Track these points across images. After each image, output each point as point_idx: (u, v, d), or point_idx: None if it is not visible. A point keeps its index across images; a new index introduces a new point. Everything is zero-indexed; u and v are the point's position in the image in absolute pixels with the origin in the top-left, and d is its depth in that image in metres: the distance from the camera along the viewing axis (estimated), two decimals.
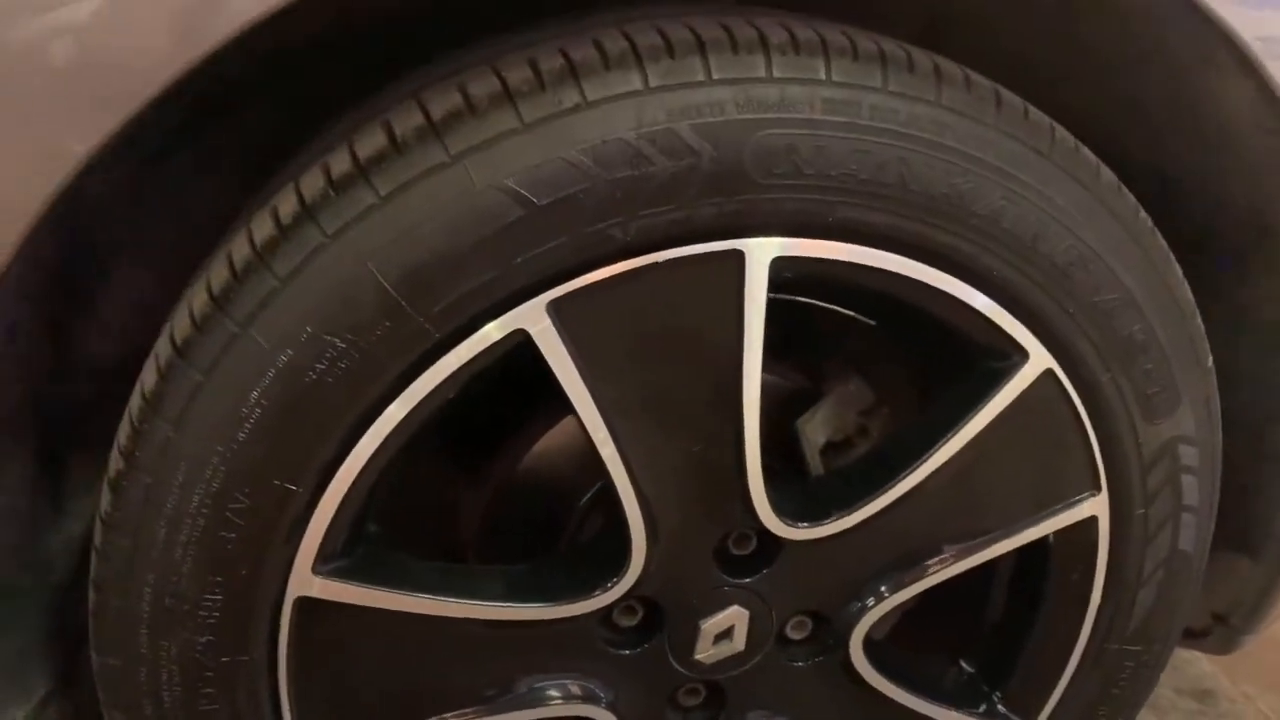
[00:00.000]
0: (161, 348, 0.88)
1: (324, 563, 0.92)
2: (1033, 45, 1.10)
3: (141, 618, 0.90)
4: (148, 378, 0.88)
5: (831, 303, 1.08)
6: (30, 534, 1.12)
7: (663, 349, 0.92)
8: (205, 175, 1.20)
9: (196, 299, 0.86)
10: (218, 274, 0.86)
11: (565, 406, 0.92)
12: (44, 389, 1.10)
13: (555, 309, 0.87)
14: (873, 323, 1.08)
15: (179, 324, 0.87)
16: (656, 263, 0.88)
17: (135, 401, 0.88)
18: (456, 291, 0.85)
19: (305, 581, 0.92)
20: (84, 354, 1.18)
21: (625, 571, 0.99)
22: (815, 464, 1.10)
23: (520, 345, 0.89)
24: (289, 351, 0.84)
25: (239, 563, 0.89)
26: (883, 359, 1.12)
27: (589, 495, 1.10)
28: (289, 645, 0.94)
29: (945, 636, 1.25)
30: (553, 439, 1.11)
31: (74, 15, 0.75)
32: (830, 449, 1.12)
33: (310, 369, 0.85)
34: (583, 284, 0.87)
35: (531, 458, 1.11)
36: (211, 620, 0.91)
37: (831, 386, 1.12)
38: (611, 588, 0.99)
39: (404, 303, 0.84)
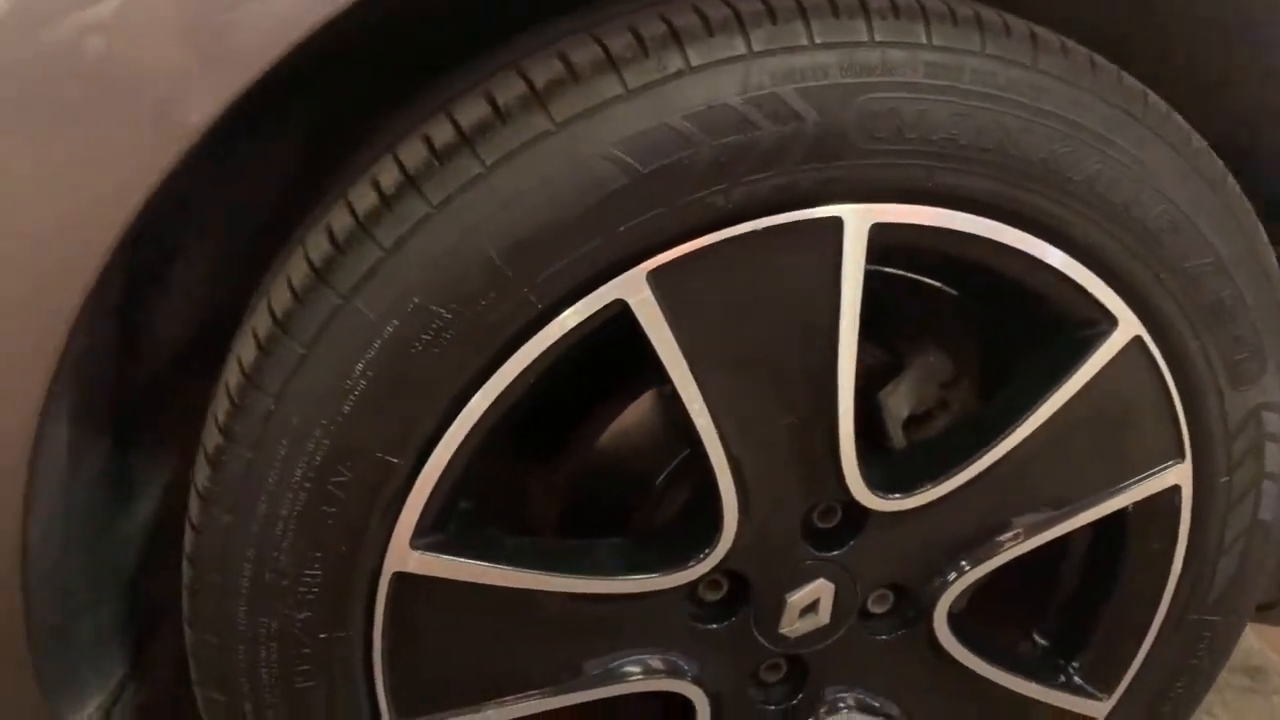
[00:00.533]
0: (259, 321, 0.87)
1: (420, 537, 0.92)
2: (1112, 24, 1.09)
3: (240, 593, 0.90)
4: (245, 352, 0.87)
5: (914, 272, 1.08)
6: (108, 516, 1.12)
7: (759, 319, 0.91)
8: (256, 163, 1.19)
9: (295, 271, 0.86)
10: (317, 245, 0.85)
11: (659, 378, 0.91)
12: (118, 372, 1.10)
13: (654, 279, 0.87)
14: (955, 292, 1.08)
15: (277, 297, 0.86)
16: (755, 230, 0.87)
17: (233, 376, 0.88)
18: (560, 261, 0.84)
19: (403, 556, 0.92)
20: (150, 337, 1.18)
21: (716, 544, 0.98)
22: (897, 437, 1.10)
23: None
24: (395, 322, 0.83)
25: (339, 537, 0.89)
26: (963, 329, 1.11)
27: (669, 470, 1.09)
28: (384, 621, 0.94)
29: (1018, 609, 1.24)
30: (632, 415, 1.10)
31: None
32: (910, 422, 1.12)
33: (416, 340, 0.84)
34: (682, 253, 0.87)
35: (610, 435, 1.11)
36: (310, 596, 0.90)
37: (912, 358, 1.11)
38: (703, 559, 0.98)
39: (510, 273, 0.84)
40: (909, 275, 1.07)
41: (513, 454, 1.14)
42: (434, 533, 0.93)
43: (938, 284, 1.08)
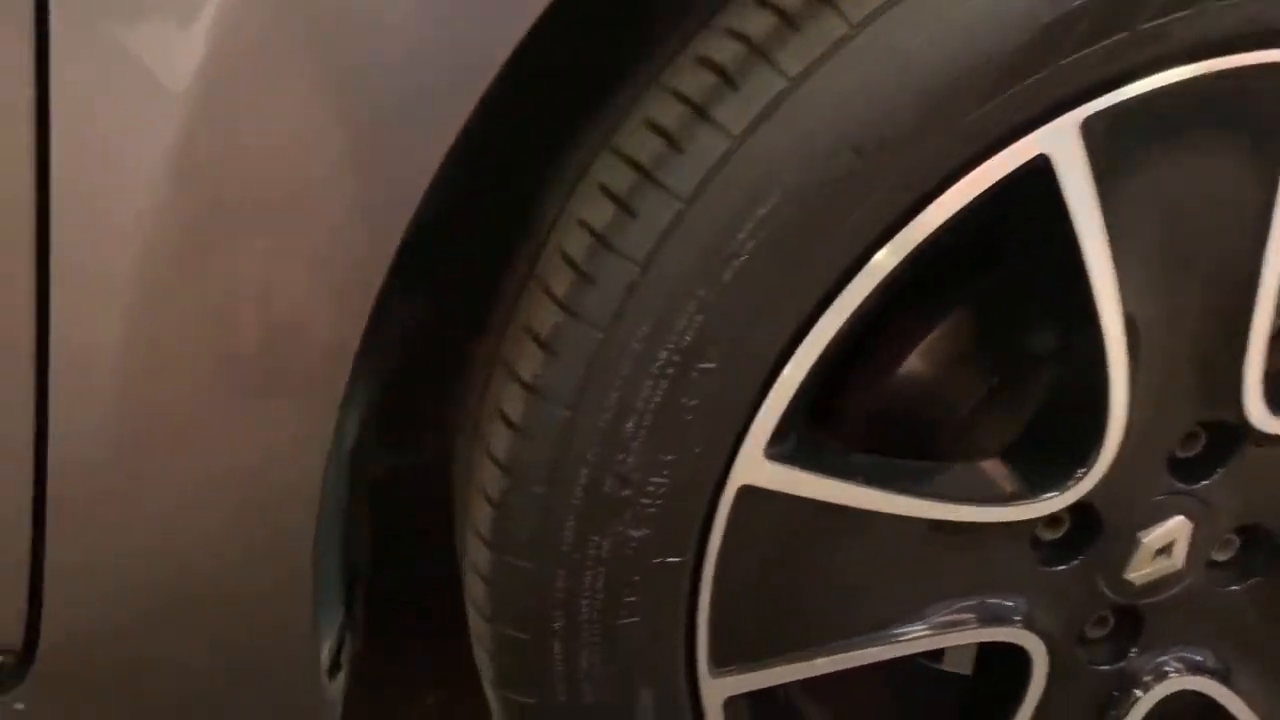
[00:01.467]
0: (609, 175, 0.72)
1: (774, 445, 0.77)
2: None
3: (570, 507, 0.75)
4: (593, 213, 0.72)
5: None
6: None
7: (1187, 186, 0.77)
8: None
9: (662, 113, 0.71)
10: (693, 79, 0.70)
11: (1068, 254, 0.76)
12: None
13: (1087, 129, 0.72)
14: None
15: (637, 145, 0.71)
16: (1206, 74, 0.73)
17: (576, 240, 0.72)
18: (991, 102, 0.69)
19: (754, 466, 0.77)
20: None
21: (1094, 464, 0.83)
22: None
23: None
24: (796, 171, 0.69)
25: (694, 439, 0.74)
26: None
27: (992, 388, 0.94)
28: (721, 546, 0.79)
29: None
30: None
31: None
32: None
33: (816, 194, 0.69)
34: (1122, 98, 0.72)
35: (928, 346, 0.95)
36: (653, 510, 0.76)
37: None
38: (1079, 480, 0.84)
39: (935, 114, 0.69)
40: None
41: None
42: (783, 442, 0.78)
43: None
